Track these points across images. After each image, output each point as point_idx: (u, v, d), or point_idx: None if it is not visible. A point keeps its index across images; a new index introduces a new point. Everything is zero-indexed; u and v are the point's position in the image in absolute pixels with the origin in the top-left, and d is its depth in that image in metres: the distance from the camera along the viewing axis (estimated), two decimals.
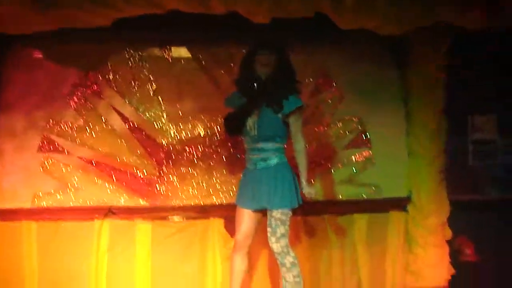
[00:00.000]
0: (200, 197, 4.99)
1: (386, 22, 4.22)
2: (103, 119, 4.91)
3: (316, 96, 5.15)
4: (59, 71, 4.89)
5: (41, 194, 4.80)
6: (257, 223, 4.10)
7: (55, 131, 4.85)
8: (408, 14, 4.12)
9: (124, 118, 4.92)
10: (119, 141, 4.91)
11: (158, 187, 4.94)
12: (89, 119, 4.89)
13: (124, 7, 3.93)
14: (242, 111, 4.03)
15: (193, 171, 4.98)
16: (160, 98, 4.98)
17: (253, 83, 3.99)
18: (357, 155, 5.20)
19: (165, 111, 4.99)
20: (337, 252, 5.06)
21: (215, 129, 5.02)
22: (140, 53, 4.98)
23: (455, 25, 4.46)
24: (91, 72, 4.91)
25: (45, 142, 4.83)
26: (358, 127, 5.20)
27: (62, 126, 4.86)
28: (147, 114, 4.97)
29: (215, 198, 5.00)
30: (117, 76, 4.95)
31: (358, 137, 5.21)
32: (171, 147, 4.97)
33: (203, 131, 5.02)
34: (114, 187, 4.89)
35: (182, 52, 5.05)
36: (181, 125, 5.00)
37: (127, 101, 4.94)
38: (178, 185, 4.97)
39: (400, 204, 5.20)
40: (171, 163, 4.96)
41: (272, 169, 3.98)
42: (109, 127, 4.91)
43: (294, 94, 4.01)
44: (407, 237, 5.17)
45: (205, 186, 5.00)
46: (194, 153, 4.99)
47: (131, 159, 4.92)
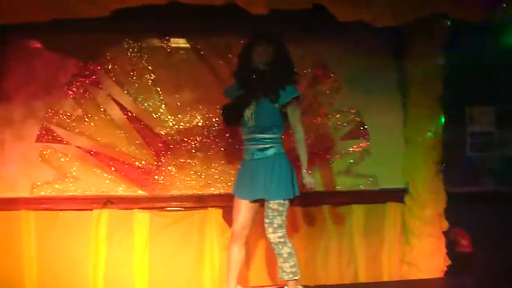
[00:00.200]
0: (198, 187, 5.00)
1: (383, 14, 4.23)
2: (102, 109, 4.91)
3: (314, 87, 5.16)
4: (58, 61, 4.88)
5: (39, 184, 4.81)
6: (254, 213, 4.12)
7: (54, 120, 4.85)
8: (405, 6, 4.13)
9: (123, 108, 4.92)
10: (117, 131, 4.92)
11: (156, 177, 4.95)
12: (87, 109, 4.90)
13: None
14: (239, 102, 4.04)
15: (191, 161, 5.00)
16: (159, 88, 4.99)
17: (250, 74, 4.01)
18: (354, 146, 5.22)
19: (163, 101, 4.99)
20: (334, 242, 5.10)
21: (214, 120, 5.02)
22: (139, 44, 4.98)
23: (452, 16, 4.47)
24: (90, 62, 4.90)
25: (44, 132, 4.83)
26: (355, 118, 5.23)
27: (61, 116, 4.86)
28: (145, 104, 4.97)
29: (213, 188, 5.02)
30: (116, 66, 4.94)
31: (356, 128, 5.23)
32: (169, 137, 4.98)
33: (201, 121, 5.02)
34: (113, 177, 4.90)
35: (180, 42, 5.05)
36: (179, 115, 5.01)
37: (125, 91, 4.94)
38: (176, 175, 4.98)
39: (397, 195, 5.23)
40: (169, 153, 4.97)
41: (269, 159, 3.99)
42: (108, 117, 4.91)
43: (291, 84, 4.01)
44: (403, 228, 5.21)
45: (203, 176, 5.01)
46: (193, 143, 5.00)
47: (129, 149, 4.93)
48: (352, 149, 5.22)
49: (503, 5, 4.35)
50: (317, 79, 5.17)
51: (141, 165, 4.93)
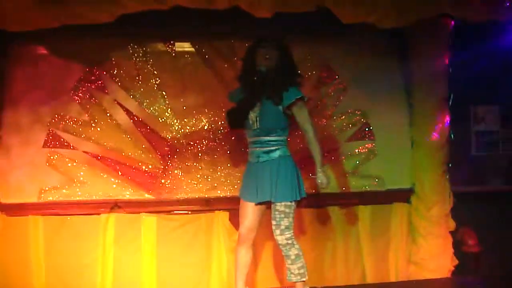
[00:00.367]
0: (204, 190, 5.01)
1: (387, 15, 4.24)
2: (108, 114, 4.93)
3: (319, 88, 5.17)
4: (63, 67, 4.91)
5: (47, 189, 4.83)
6: (261, 215, 4.12)
7: (61, 126, 4.87)
8: (409, 7, 4.14)
9: (129, 113, 4.93)
10: (124, 135, 4.94)
11: (163, 180, 4.96)
12: (94, 114, 4.92)
13: (128, 4, 3.97)
14: (242, 105, 4.06)
15: (197, 164, 5.01)
16: (164, 93, 5.01)
17: (254, 77, 4.03)
18: (360, 147, 5.22)
19: (169, 105, 5.01)
20: (341, 243, 5.10)
21: (219, 123, 5.03)
22: (144, 48, 5.00)
23: (456, 16, 4.48)
24: (95, 67, 4.93)
25: (51, 137, 4.85)
26: (361, 119, 5.23)
27: (67, 121, 4.88)
28: (151, 108, 4.99)
29: (219, 191, 5.03)
30: (121, 71, 4.97)
31: (361, 129, 5.23)
32: (175, 141, 4.99)
33: (207, 124, 5.04)
34: (120, 181, 4.91)
35: (185, 46, 5.07)
36: (185, 119, 5.03)
37: (131, 96, 4.96)
38: (183, 178, 5.00)
39: (403, 195, 5.23)
40: (175, 156, 4.98)
41: (275, 162, 4.00)
42: (114, 121, 4.93)
43: (294, 86, 4.03)
44: (410, 228, 5.21)
45: (209, 179, 5.02)
46: (199, 146, 5.02)
47: (136, 153, 4.95)
48: (358, 150, 5.22)
49: (507, 4, 4.36)
50: (322, 81, 5.18)
51: (147, 169, 4.94)
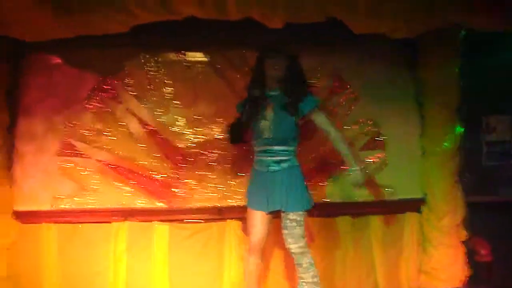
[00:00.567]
0: (216, 199, 5.02)
1: (398, 26, 4.26)
2: (121, 123, 4.97)
3: (330, 98, 5.17)
4: (77, 76, 4.96)
5: (60, 197, 4.87)
6: (269, 224, 4.13)
7: (74, 134, 4.91)
8: (420, 17, 4.15)
9: (141, 122, 4.97)
10: (136, 144, 4.97)
11: (175, 189, 4.98)
12: (106, 122, 4.96)
13: (141, 14, 4.01)
14: (240, 121, 4.15)
15: (209, 173, 5.03)
16: (177, 102, 5.04)
17: (263, 88, 4.07)
18: (371, 157, 5.21)
19: (181, 115, 5.05)
20: (352, 253, 5.08)
21: None
22: (156, 58, 5.04)
23: (467, 26, 4.48)
24: (108, 76, 4.97)
25: (64, 146, 4.90)
26: (372, 128, 5.22)
27: (80, 130, 4.93)
28: (163, 117, 5.02)
29: (231, 200, 5.03)
30: (134, 81, 5.01)
31: (373, 139, 5.22)
32: (187, 150, 5.02)
33: (218, 134, 5.05)
34: (132, 189, 4.94)
35: (197, 56, 5.10)
36: (197, 128, 5.05)
37: (144, 105, 5.00)
38: (195, 187, 5.01)
39: (415, 205, 5.22)
40: (188, 165, 5.01)
41: (285, 171, 4.02)
42: (127, 130, 4.97)
43: (307, 94, 4.06)
44: (421, 238, 5.19)
45: (221, 189, 5.03)
46: (210, 156, 5.04)
47: (148, 162, 4.97)
48: (370, 160, 5.21)
49: None
50: (333, 90, 5.18)
51: (160, 178, 4.96)
